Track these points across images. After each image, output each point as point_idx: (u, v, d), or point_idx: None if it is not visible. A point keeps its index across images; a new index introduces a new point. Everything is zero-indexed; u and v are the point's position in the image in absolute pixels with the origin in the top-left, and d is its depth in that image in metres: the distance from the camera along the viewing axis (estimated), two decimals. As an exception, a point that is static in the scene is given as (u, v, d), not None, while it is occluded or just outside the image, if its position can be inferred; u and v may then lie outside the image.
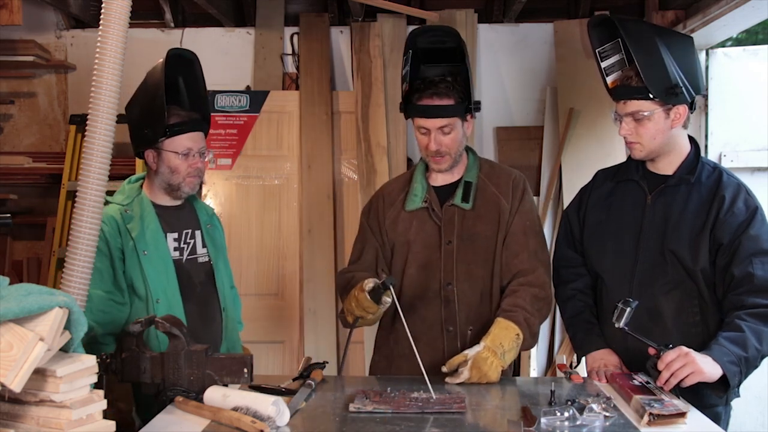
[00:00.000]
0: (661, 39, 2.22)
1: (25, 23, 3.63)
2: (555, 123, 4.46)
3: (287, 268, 4.37)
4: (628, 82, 2.22)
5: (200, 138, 2.40)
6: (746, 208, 2.18)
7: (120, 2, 1.99)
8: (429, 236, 2.39)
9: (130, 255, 2.31)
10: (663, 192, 2.27)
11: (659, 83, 2.17)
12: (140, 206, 2.38)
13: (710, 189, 2.23)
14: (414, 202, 2.42)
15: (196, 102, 2.44)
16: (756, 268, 2.11)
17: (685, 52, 2.27)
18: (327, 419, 1.88)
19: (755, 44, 4.47)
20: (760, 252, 2.13)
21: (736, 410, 2.32)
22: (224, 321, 2.48)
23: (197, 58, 2.46)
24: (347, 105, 4.53)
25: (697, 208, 2.22)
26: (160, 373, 1.99)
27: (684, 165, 2.27)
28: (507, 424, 1.79)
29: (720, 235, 2.17)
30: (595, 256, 2.39)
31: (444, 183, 2.44)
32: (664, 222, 2.25)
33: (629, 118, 2.23)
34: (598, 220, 2.39)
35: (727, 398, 2.22)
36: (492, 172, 2.47)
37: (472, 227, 2.37)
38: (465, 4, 4.51)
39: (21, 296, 1.42)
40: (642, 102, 2.19)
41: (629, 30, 2.24)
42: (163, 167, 2.37)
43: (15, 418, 1.48)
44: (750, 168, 4.20)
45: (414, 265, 2.40)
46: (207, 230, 2.51)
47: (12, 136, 4.67)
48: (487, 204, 2.40)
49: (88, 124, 1.99)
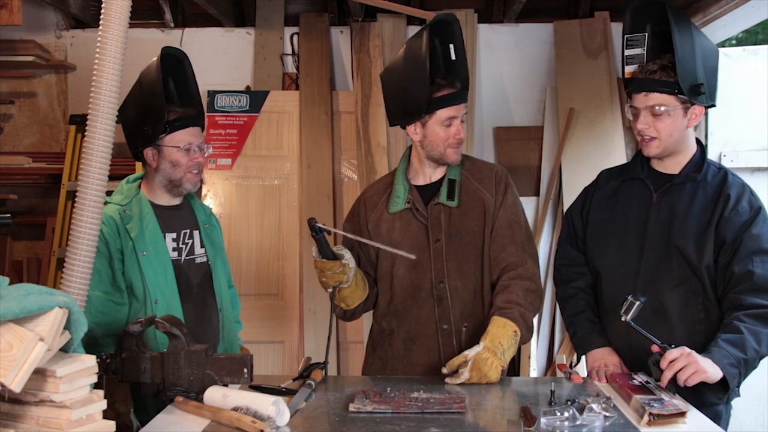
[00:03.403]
0: (697, 38, 2.22)
1: (25, 23, 3.62)
2: (555, 123, 4.45)
3: (287, 268, 4.37)
4: (652, 75, 2.20)
5: (198, 133, 2.43)
6: (750, 207, 2.20)
7: (120, 2, 1.99)
8: (416, 236, 2.39)
9: (129, 255, 2.32)
10: (669, 190, 2.28)
11: (688, 79, 2.16)
12: (139, 206, 2.39)
13: (716, 188, 2.24)
14: (397, 204, 2.42)
15: (190, 99, 2.46)
16: (756, 266, 2.13)
17: (712, 58, 2.28)
18: (327, 419, 1.88)
19: (755, 44, 4.47)
20: (760, 251, 2.15)
21: (736, 410, 2.33)
22: (221, 321, 2.48)
23: (188, 57, 2.47)
24: (347, 105, 4.53)
25: (702, 206, 2.23)
26: (160, 373, 1.99)
27: (690, 164, 2.28)
28: (507, 424, 1.79)
29: (723, 233, 2.18)
30: (598, 254, 2.39)
31: (425, 182, 2.45)
32: (670, 219, 2.25)
33: (647, 112, 2.21)
34: (601, 218, 2.39)
35: (728, 398, 2.21)
36: (474, 167, 2.48)
37: (459, 224, 2.38)
38: (465, 4, 4.51)
39: (21, 296, 1.42)
40: (665, 96, 2.18)
41: (677, 20, 2.20)
42: (164, 163, 2.38)
43: (15, 418, 1.48)
44: (750, 168, 4.20)
45: (402, 266, 2.39)
46: (205, 230, 2.52)
47: (12, 136, 4.67)
48: (472, 200, 2.40)
49: (88, 124, 1.99)
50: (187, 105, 2.44)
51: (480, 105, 4.49)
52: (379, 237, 2.42)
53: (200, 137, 2.44)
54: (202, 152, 2.43)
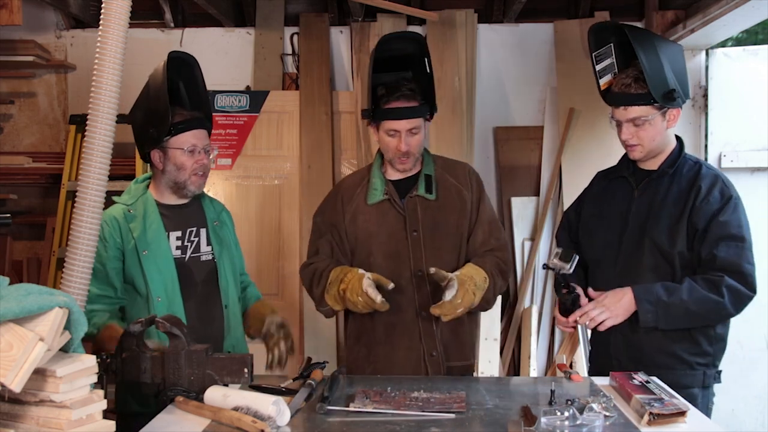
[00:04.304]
0: (659, 46, 2.38)
1: (25, 23, 3.62)
2: (555, 123, 4.45)
3: (287, 268, 4.37)
4: (627, 89, 2.36)
5: (204, 135, 2.45)
6: (721, 197, 2.34)
7: (120, 2, 1.99)
8: (393, 226, 2.50)
9: (130, 254, 2.35)
10: (648, 185, 2.45)
11: (659, 88, 2.32)
12: (144, 206, 2.42)
13: (689, 180, 2.39)
14: (375, 196, 2.53)
15: (198, 102, 2.49)
16: (720, 250, 2.28)
17: (678, 58, 2.44)
18: (327, 419, 1.87)
19: (755, 44, 4.47)
20: (726, 236, 2.29)
21: (737, 410, 2.33)
22: (227, 318, 2.48)
23: (197, 61, 2.51)
24: (347, 105, 4.53)
25: (676, 198, 2.38)
26: (160, 373, 1.99)
27: (668, 160, 2.44)
28: (507, 424, 1.79)
29: (696, 221, 2.33)
30: (586, 245, 2.56)
31: (399, 177, 2.55)
32: (647, 212, 2.42)
33: (629, 123, 2.38)
34: (591, 213, 2.59)
35: (704, 381, 2.36)
36: (446, 164, 2.62)
37: (438, 216, 2.50)
38: (465, 4, 4.51)
39: (21, 296, 1.42)
40: (643, 108, 2.35)
41: (636, 36, 2.37)
42: (169, 165, 2.40)
43: (15, 418, 1.48)
44: (750, 168, 4.20)
45: (380, 255, 2.50)
46: (213, 228, 2.53)
47: (12, 136, 4.67)
48: (450, 194, 2.53)
49: (88, 124, 1.99)
50: (195, 108, 2.47)
51: (480, 105, 4.48)
52: (355, 228, 2.53)
53: (205, 139, 2.45)
54: (206, 154, 2.44)
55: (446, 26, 4.44)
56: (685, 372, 2.34)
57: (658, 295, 2.28)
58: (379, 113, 2.46)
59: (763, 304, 4.03)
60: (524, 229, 4.41)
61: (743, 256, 2.29)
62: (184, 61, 2.47)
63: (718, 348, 2.39)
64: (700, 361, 2.36)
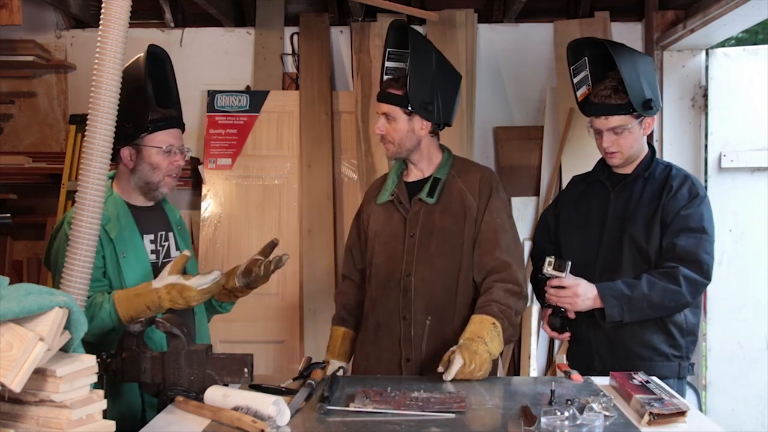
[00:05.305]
0: (634, 58, 2.54)
1: (25, 23, 3.62)
2: (555, 123, 4.45)
3: (287, 268, 4.33)
4: (607, 100, 2.49)
5: (179, 135, 2.38)
6: (689, 194, 2.50)
7: (120, 2, 1.99)
8: (395, 228, 2.51)
9: (110, 257, 2.25)
10: (623, 188, 2.60)
11: (638, 98, 2.46)
12: (114, 207, 2.30)
13: (661, 181, 2.56)
14: (383, 196, 2.56)
15: (171, 101, 2.41)
16: (680, 240, 2.44)
17: (650, 69, 2.59)
18: (327, 419, 1.87)
19: (755, 44, 4.47)
20: (686, 228, 2.45)
21: (737, 410, 2.34)
22: (196, 324, 2.43)
23: (169, 57, 2.42)
24: (347, 105, 4.53)
25: (650, 198, 2.54)
26: (160, 372, 1.99)
27: (641, 164, 2.59)
28: (507, 424, 1.79)
29: (664, 217, 2.49)
30: (565, 247, 2.67)
31: (416, 179, 2.55)
32: (624, 212, 2.56)
33: (609, 132, 2.52)
34: (568, 216, 2.71)
35: (679, 372, 2.50)
36: (462, 168, 2.56)
37: (437, 221, 2.46)
38: (465, 4, 4.51)
39: (21, 296, 1.42)
40: (623, 117, 2.49)
41: (615, 50, 2.51)
42: (142, 165, 2.31)
43: (15, 418, 1.48)
44: (750, 168, 4.19)
45: (381, 256, 2.52)
46: (178, 231, 2.48)
47: (12, 136, 4.67)
48: (453, 199, 2.48)
49: (88, 124, 1.99)
50: (168, 106, 2.38)
51: (480, 105, 4.49)
52: (369, 227, 2.59)
53: (181, 140, 2.37)
54: (182, 155, 2.36)
55: (446, 26, 4.44)
56: (663, 363, 2.49)
57: (621, 290, 2.41)
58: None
59: (763, 304, 4.05)
60: (524, 229, 4.39)
61: (701, 246, 2.44)
62: (159, 57, 2.37)
63: (690, 341, 2.55)
64: (675, 353, 2.52)
